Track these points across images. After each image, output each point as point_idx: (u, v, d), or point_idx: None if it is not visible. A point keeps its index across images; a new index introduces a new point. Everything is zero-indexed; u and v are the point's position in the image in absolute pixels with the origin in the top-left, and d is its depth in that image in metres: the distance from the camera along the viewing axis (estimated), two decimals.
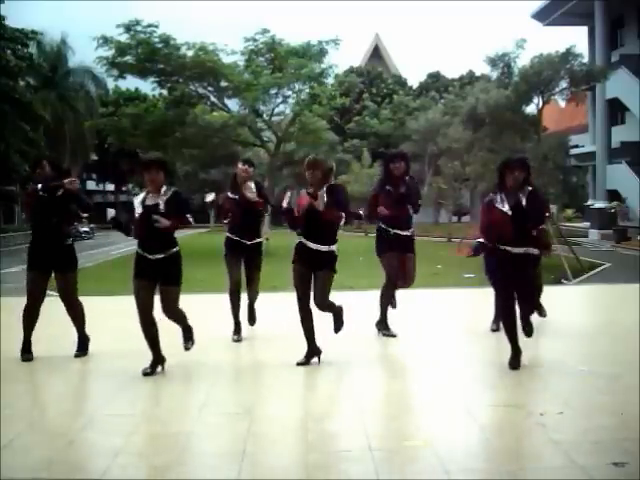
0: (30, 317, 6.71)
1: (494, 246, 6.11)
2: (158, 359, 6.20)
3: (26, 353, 6.67)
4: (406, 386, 5.95)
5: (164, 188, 6.07)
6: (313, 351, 6.47)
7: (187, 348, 6.35)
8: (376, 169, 39.48)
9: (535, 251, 6.16)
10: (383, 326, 7.71)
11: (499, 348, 6.79)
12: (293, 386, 5.74)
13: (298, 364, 6.39)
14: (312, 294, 6.36)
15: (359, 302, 9.20)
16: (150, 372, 6.11)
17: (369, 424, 4.67)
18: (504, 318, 6.34)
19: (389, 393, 5.63)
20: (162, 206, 5.96)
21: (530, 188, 6.14)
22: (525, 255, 6.07)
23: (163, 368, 6.21)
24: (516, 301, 6.19)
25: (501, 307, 6.41)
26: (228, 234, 7.77)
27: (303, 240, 6.37)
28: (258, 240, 7.81)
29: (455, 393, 5.65)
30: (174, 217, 5.93)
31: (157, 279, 6.04)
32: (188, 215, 6.11)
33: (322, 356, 6.48)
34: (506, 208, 6.02)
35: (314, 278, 6.36)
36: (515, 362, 6.18)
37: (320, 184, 6.32)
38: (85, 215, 7.07)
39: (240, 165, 7.75)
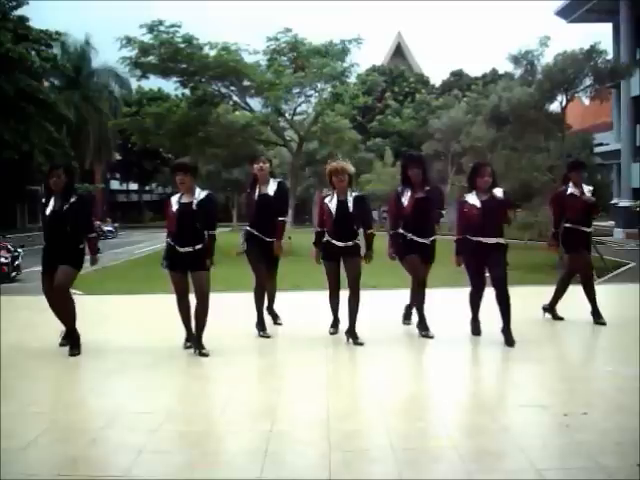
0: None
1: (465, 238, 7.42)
2: (190, 333, 6.84)
3: (72, 348, 6.71)
4: (430, 386, 5.93)
5: (197, 190, 6.60)
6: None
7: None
8: (398, 168, 39.31)
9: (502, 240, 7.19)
10: (422, 327, 7.50)
11: (523, 347, 6.76)
12: (316, 385, 5.72)
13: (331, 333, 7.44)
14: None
15: (383, 301, 9.19)
16: (190, 345, 6.77)
17: (392, 423, 4.67)
18: (476, 298, 7.33)
19: (413, 393, 5.61)
20: (195, 206, 6.53)
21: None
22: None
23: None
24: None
25: (474, 291, 7.36)
26: (249, 228, 7.71)
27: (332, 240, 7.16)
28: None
29: (479, 393, 5.63)
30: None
31: (188, 268, 6.61)
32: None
33: (346, 355, 6.63)
34: (478, 204, 7.15)
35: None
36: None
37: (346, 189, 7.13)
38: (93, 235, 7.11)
39: (255, 165, 7.64)
